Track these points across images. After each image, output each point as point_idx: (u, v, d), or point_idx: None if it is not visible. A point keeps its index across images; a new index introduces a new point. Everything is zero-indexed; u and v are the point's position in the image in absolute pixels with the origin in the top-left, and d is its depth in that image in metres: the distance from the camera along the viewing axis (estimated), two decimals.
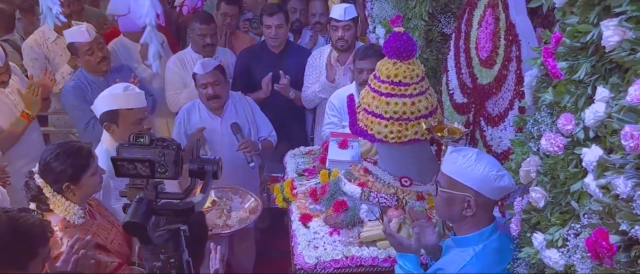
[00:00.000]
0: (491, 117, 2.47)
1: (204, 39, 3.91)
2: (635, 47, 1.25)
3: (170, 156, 1.52)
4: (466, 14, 2.77)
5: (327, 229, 2.57)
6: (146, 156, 1.49)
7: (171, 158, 1.52)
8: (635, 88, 1.19)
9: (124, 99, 2.76)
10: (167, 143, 1.54)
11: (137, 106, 2.79)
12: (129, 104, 2.76)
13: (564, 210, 1.58)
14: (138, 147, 1.52)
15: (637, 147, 1.18)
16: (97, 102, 2.82)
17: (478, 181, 1.82)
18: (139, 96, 2.83)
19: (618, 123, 1.28)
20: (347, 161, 2.92)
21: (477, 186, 1.82)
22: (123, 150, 1.53)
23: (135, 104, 2.78)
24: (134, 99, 2.79)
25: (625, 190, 1.24)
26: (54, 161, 2.21)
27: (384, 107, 2.45)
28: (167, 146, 1.53)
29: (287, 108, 3.99)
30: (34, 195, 2.25)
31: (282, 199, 2.91)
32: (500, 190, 1.84)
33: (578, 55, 1.47)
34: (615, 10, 1.30)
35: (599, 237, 1.31)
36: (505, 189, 1.85)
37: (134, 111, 2.77)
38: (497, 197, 1.88)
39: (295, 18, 4.46)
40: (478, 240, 1.89)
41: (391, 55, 2.46)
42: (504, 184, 1.82)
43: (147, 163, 1.48)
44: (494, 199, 1.88)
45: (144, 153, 1.50)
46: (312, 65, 3.91)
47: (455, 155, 1.87)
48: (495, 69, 2.42)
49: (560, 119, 1.51)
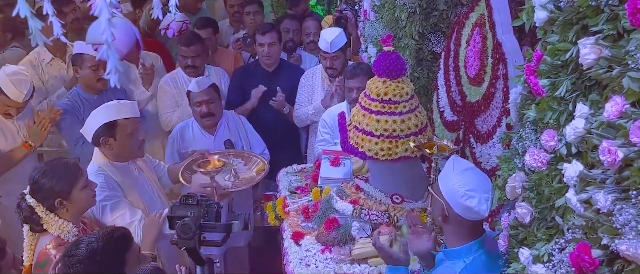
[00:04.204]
0: (480, 134, 2.50)
1: (185, 60, 3.94)
2: (612, 65, 1.28)
3: (211, 213, 2.03)
4: (455, 33, 2.81)
5: (319, 247, 2.58)
6: (194, 214, 1.99)
7: (213, 214, 2.04)
8: (612, 104, 1.22)
9: (120, 109, 2.78)
10: (210, 202, 2.05)
11: (133, 115, 2.82)
12: (126, 113, 2.78)
13: (549, 225, 1.59)
14: (188, 206, 2.00)
15: (614, 162, 1.20)
16: (91, 119, 2.78)
17: (448, 193, 1.84)
18: (133, 105, 2.87)
19: (597, 139, 1.30)
20: (338, 179, 2.93)
21: (447, 197, 1.84)
22: (176, 209, 2.02)
23: (131, 114, 2.80)
24: (129, 108, 2.82)
25: (606, 204, 1.26)
26: (42, 178, 2.23)
27: (375, 124, 2.47)
28: (210, 205, 2.04)
29: (280, 126, 4.02)
30: (26, 216, 2.26)
31: (274, 217, 2.92)
32: (466, 209, 1.80)
33: (559, 72, 1.50)
34: (592, 29, 1.34)
35: (581, 251, 1.32)
36: (471, 210, 1.80)
37: (130, 120, 2.78)
38: (466, 216, 1.83)
39: (289, 38, 4.51)
40: (467, 252, 1.91)
41: (381, 74, 2.50)
42: (469, 205, 1.78)
43: None
44: (464, 217, 1.83)
45: (192, 211, 2.00)
46: (305, 85, 3.96)
47: (450, 163, 1.92)
48: (484, 87, 2.46)
49: (544, 135, 1.53)
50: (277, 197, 3.13)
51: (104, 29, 1.06)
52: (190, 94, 3.50)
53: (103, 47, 1.08)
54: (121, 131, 2.75)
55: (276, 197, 3.19)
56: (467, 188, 1.80)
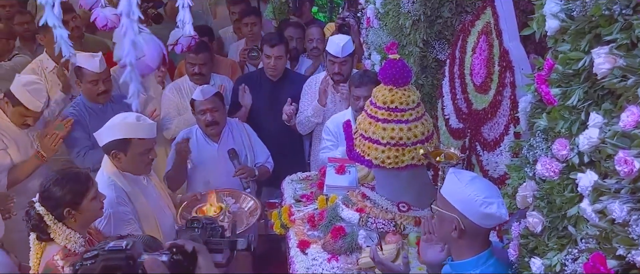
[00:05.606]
0: (487, 142, 2.49)
1: (192, 68, 3.94)
2: (626, 74, 1.28)
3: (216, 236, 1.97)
4: (460, 41, 2.81)
5: (326, 256, 2.57)
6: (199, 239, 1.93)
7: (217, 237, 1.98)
8: (628, 114, 1.22)
9: (137, 128, 2.73)
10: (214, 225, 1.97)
11: (149, 136, 2.78)
12: (142, 134, 2.74)
13: (561, 235, 1.59)
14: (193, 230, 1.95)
15: (631, 172, 1.19)
16: (105, 129, 2.75)
17: (464, 204, 1.79)
18: (152, 127, 2.82)
19: (612, 149, 1.30)
20: (344, 187, 2.93)
21: (463, 209, 1.80)
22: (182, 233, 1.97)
23: (147, 135, 2.76)
24: (148, 129, 2.77)
25: (621, 215, 1.25)
26: (53, 186, 2.22)
27: (381, 132, 2.47)
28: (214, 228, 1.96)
29: (284, 134, 4.01)
30: (34, 224, 2.25)
31: (280, 225, 2.91)
32: (486, 217, 1.78)
33: (571, 81, 1.49)
34: (605, 38, 1.33)
35: (596, 262, 1.32)
36: (491, 217, 1.78)
37: (145, 141, 2.75)
38: (485, 224, 1.81)
39: (292, 46, 4.51)
40: (475, 265, 1.88)
41: (387, 82, 2.49)
42: (490, 212, 1.76)
43: None
44: (481, 226, 1.81)
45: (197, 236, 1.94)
46: (308, 92, 3.95)
47: (452, 176, 1.87)
48: (490, 94, 2.45)
49: (555, 144, 1.52)
50: (282, 206, 3.12)
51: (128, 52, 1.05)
52: (195, 103, 3.49)
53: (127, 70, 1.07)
54: (133, 149, 2.72)
55: (281, 206, 3.18)
56: (484, 196, 1.76)
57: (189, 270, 0.92)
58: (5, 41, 4.34)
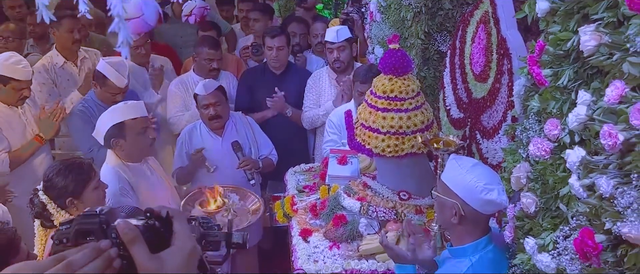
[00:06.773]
0: (486, 130, 2.51)
1: (210, 63, 4.02)
2: (612, 52, 1.30)
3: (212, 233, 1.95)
4: (460, 31, 2.83)
5: (327, 243, 2.60)
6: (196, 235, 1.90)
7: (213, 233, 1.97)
8: (612, 89, 1.24)
9: (126, 110, 2.84)
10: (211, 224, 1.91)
11: (140, 115, 2.87)
12: (133, 113, 2.83)
13: (554, 215, 1.61)
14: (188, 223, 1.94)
15: (615, 145, 1.22)
16: (100, 122, 2.86)
17: (465, 190, 1.81)
18: (139, 105, 2.93)
19: (599, 124, 1.32)
20: (346, 177, 2.95)
21: (464, 195, 1.81)
22: None
23: (138, 113, 2.86)
24: (136, 108, 2.88)
25: (608, 189, 1.28)
26: (56, 176, 2.28)
27: (381, 121, 2.50)
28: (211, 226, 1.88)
29: (288, 127, 4.04)
30: (38, 212, 2.31)
31: (282, 214, 2.94)
32: (486, 203, 1.80)
33: (561, 62, 1.52)
34: (593, 17, 1.36)
35: (585, 236, 1.34)
36: (492, 203, 1.79)
37: (138, 120, 2.84)
38: (485, 210, 1.83)
39: (296, 42, 4.55)
40: (474, 251, 1.90)
41: (387, 71, 2.52)
42: (490, 198, 1.77)
43: None
44: (482, 212, 1.84)
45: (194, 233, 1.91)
46: (312, 87, 3.98)
47: (453, 162, 1.90)
48: (489, 82, 2.47)
49: (547, 124, 1.55)
50: (285, 196, 3.15)
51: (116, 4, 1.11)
52: (198, 97, 3.54)
53: (115, 21, 1.13)
54: (130, 131, 2.80)
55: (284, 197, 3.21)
56: (484, 182, 1.78)
57: (163, 235, 0.92)
58: (18, 41, 4.43)
